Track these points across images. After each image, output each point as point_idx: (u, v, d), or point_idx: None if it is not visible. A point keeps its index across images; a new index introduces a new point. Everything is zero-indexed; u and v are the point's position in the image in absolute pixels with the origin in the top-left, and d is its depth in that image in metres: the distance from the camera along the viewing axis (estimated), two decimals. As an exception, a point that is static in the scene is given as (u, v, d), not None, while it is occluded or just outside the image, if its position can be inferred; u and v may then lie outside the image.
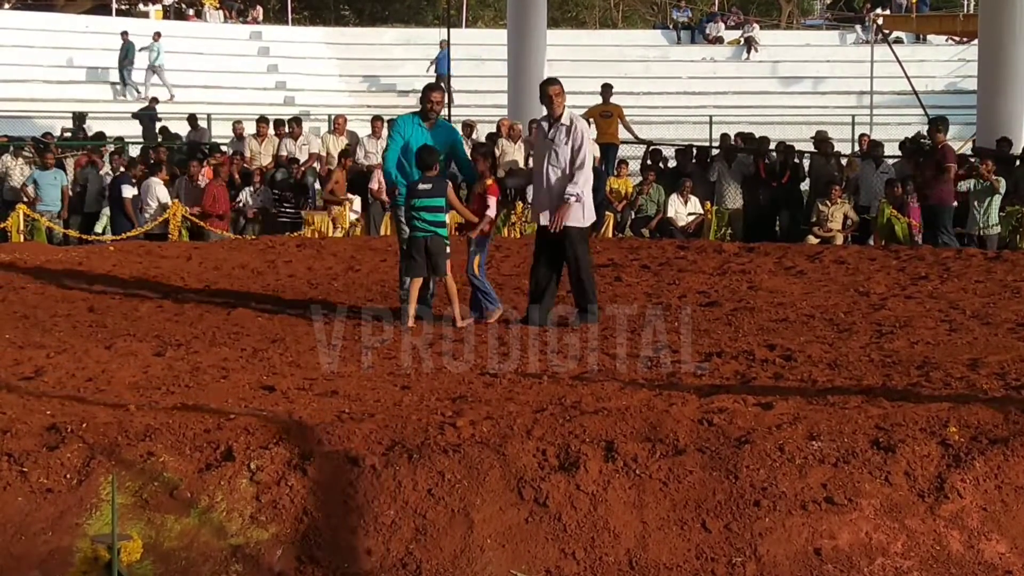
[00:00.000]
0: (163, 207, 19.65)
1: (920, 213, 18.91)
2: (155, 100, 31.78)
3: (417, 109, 11.96)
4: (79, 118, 27.60)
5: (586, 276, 11.27)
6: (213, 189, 20.15)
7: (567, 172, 11.06)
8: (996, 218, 18.99)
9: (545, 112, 11.47)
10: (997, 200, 18.95)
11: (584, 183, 11.10)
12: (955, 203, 18.56)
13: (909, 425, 6.50)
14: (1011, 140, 21.45)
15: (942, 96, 35.43)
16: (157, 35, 34.79)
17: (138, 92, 34.18)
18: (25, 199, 20.03)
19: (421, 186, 11.17)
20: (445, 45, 36.91)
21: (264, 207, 21.08)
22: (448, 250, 11.23)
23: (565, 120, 11.17)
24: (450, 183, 11.36)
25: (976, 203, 18.88)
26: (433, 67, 36.56)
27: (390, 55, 38.87)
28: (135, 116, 29.57)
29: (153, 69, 34.52)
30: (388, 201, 11.20)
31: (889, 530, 5.92)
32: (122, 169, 21.35)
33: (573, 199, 11.03)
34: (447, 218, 11.49)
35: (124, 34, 34.30)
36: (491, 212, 11.62)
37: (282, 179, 21.01)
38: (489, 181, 11.54)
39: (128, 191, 20.05)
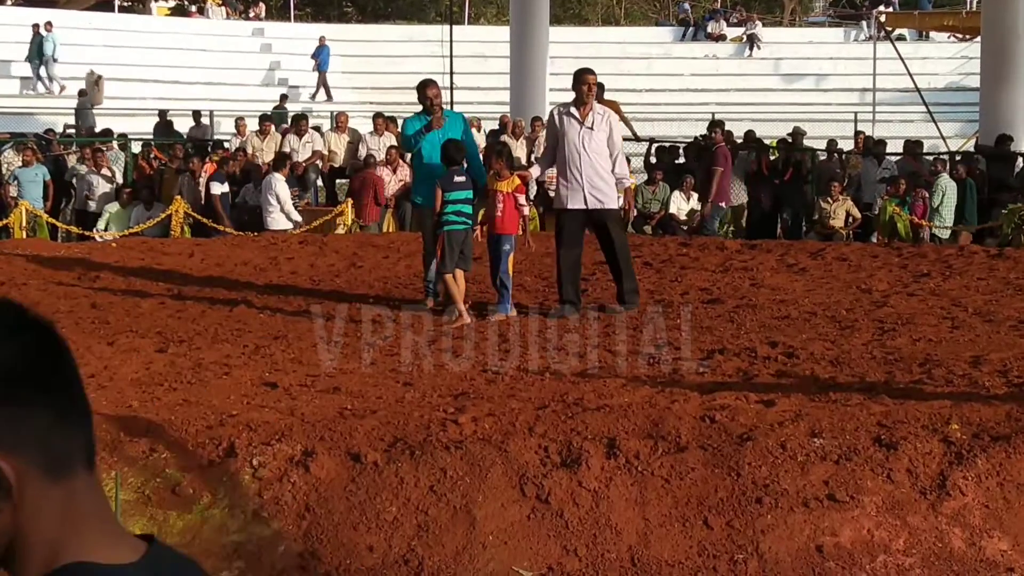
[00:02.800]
0: (284, 203, 19.62)
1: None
2: (284, 97, 31.70)
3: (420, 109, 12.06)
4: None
5: (629, 257, 11.91)
6: (373, 177, 19.98)
7: (606, 156, 11.61)
8: (949, 219, 19.35)
9: (574, 101, 11.75)
10: (944, 204, 19.32)
11: (625, 167, 11.99)
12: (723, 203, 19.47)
13: (911, 422, 6.50)
14: (1012, 136, 21.44)
15: (944, 93, 35.44)
16: (48, 25, 34.18)
17: (46, 86, 33.91)
18: (10, 197, 19.99)
19: (456, 179, 11.27)
20: (324, 41, 36.79)
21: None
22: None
23: (599, 110, 11.70)
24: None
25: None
26: (315, 64, 36.40)
27: (392, 52, 38.88)
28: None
29: (43, 61, 34.04)
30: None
31: (891, 527, 5.92)
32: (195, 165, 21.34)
33: (628, 182, 12.07)
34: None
35: (35, 27, 33.82)
36: (526, 210, 11.82)
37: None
38: (517, 181, 11.63)
39: (217, 188, 19.99)
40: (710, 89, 37.48)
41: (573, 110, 11.61)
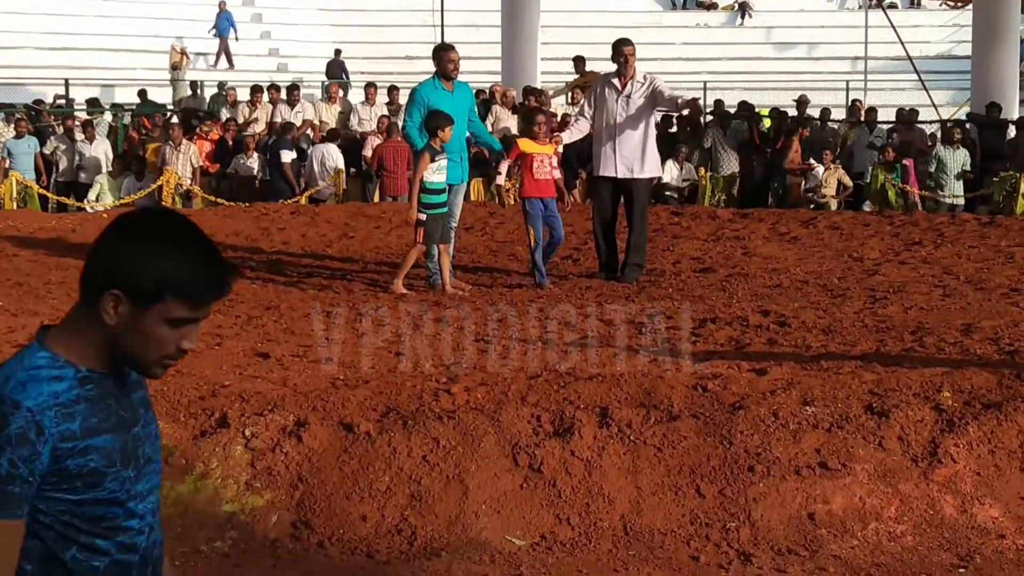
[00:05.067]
0: (336, 171, 19.73)
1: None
2: (338, 52, 31.63)
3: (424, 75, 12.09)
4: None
5: (646, 233, 12.12)
6: (403, 147, 19.54)
7: (645, 125, 11.85)
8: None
9: (616, 71, 11.96)
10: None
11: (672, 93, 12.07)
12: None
13: (903, 390, 6.51)
14: (1000, 105, 21.40)
15: (936, 61, 35.36)
16: None
17: None
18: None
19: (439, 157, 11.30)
20: (224, 6, 36.20)
21: (256, 175, 20.97)
22: (423, 218, 11.11)
23: (641, 78, 11.88)
24: (426, 154, 11.12)
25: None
26: (214, 30, 35.71)
27: (383, 22, 38.71)
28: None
29: None
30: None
31: (883, 495, 5.94)
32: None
33: (690, 96, 12.25)
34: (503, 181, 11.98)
35: None
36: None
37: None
38: (553, 146, 11.85)
39: (287, 155, 20.00)
40: (701, 58, 37.35)
41: (614, 80, 11.88)
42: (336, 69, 31.76)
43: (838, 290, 10.73)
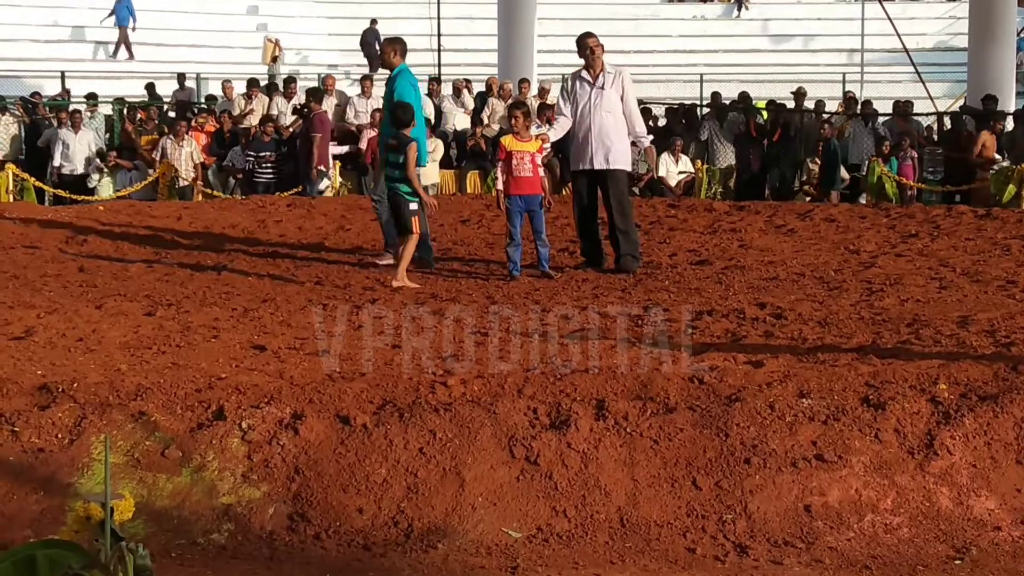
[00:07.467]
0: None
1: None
2: (376, 23, 32.02)
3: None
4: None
5: (631, 221, 12.08)
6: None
7: (619, 116, 11.90)
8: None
9: (584, 64, 12.07)
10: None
11: (642, 126, 12.30)
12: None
13: (899, 382, 6.51)
14: (996, 97, 21.40)
15: (933, 53, 35.38)
16: None
17: None
18: None
19: (391, 141, 11.52)
20: None
21: (249, 167, 20.96)
22: (413, 207, 11.25)
23: (610, 69, 12.00)
24: (414, 143, 11.38)
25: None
26: (113, 17, 34.61)
27: (379, 14, 38.67)
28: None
29: None
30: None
31: (879, 487, 5.94)
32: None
33: (647, 141, 12.58)
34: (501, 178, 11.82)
35: None
36: (542, 171, 12.04)
37: (256, 139, 20.87)
38: (539, 142, 11.81)
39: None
40: (698, 50, 37.35)
41: (584, 73, 11.94)
42: (371, 37, 31.97)
43: (834, 282, 10.73)
